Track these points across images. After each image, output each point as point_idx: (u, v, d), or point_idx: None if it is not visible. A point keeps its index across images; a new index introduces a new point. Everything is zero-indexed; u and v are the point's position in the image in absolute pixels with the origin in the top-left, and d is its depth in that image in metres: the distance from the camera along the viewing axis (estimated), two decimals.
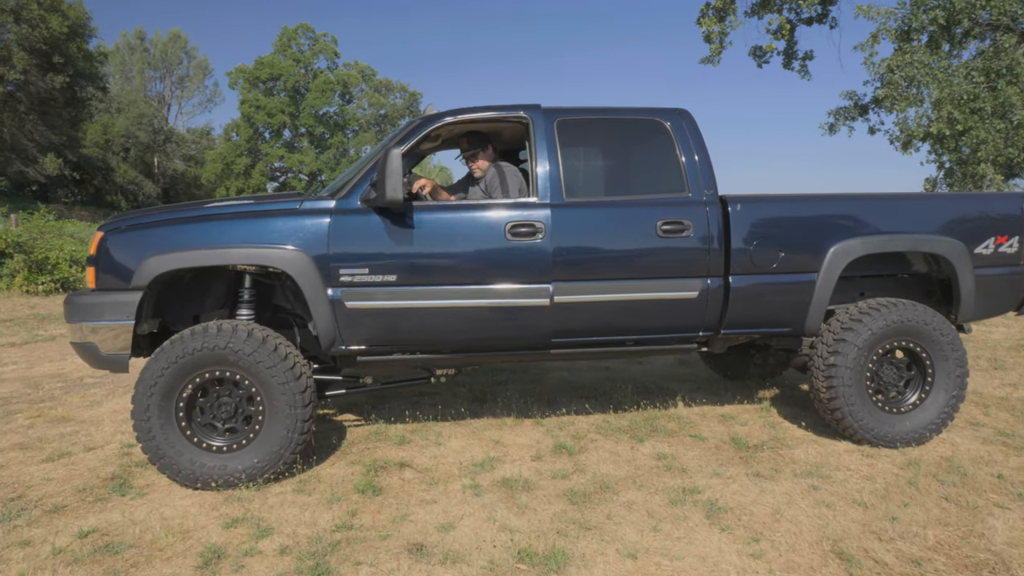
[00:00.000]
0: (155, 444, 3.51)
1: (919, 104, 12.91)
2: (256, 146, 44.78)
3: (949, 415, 4.17)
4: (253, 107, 43.90)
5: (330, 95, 45.49)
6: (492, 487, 3.63)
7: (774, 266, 4.07)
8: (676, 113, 4.22)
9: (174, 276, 3.76)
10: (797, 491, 3.53)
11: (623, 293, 3.95)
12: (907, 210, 4.33)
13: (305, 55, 45.45)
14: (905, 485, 3.58)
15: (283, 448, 3.59)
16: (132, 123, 39.61)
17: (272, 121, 44.04)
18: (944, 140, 12.59)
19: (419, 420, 4.75)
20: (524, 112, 4.06)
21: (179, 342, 3.50)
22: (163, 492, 3.58)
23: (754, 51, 18.91)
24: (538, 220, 3.85)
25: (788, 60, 18.75)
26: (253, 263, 3.66)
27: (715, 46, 15.34)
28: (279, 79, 44.41)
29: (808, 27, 18.62)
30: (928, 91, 12.69)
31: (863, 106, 15.72)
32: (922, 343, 4.12)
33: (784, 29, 16.14)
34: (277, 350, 3.55)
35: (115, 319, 3.57)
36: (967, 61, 12.57)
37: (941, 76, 12.41)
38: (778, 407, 4.96)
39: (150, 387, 3.47)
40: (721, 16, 15.41)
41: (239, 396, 3.62)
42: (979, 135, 11.95)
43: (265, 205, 3.83)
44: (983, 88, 12.20)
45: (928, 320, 4.08)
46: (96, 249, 3.66)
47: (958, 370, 4.16)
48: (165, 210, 3.92)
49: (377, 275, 3.70)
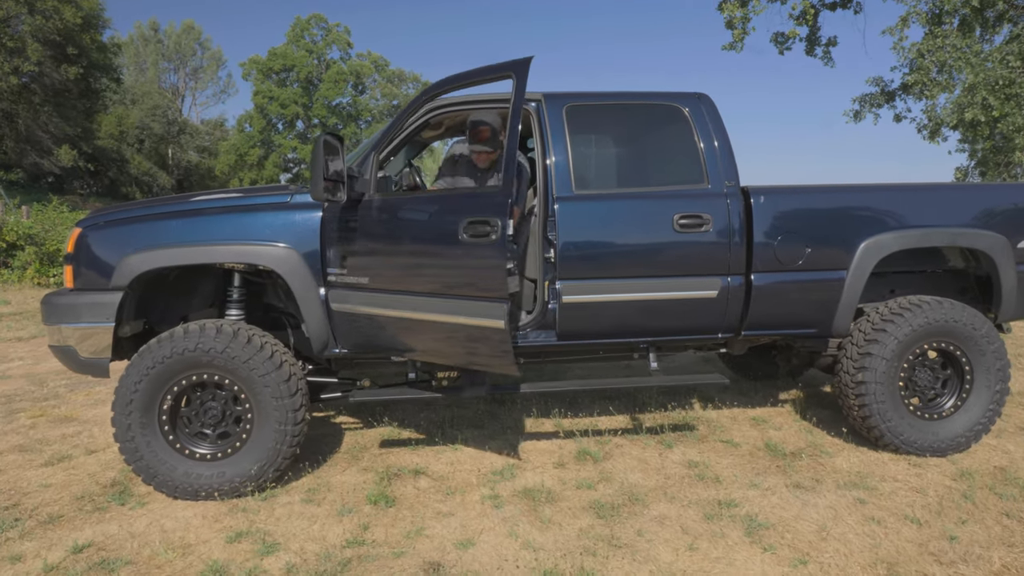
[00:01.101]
0: (145, 463, 3.31)
1: (951, 90, 12.45)
2: (269, 137, 44.73)
3: (996, 411, 3.88)
4: (266, 98, 43.83)
5: (343, 86, 45.34)
6: (513, 498, 3.40)
7: (800, 263, 3.79)
8: (695, 98, 3.93)
9: (158, 274, 3.54)
10: (842, 505, 3.28)
11: (636, 292, 3.67)
12: (944, 201, 4.03)
13: (318, 46, 45.29)
14: (960, 499, 3.32)
15: (279, 443, 3.38)
16: (146, 114, 39.61)
17: (285, 112, 43.94)
18: (978, 127, 12.13)
19: (433, 422, 4.53)
20: (532, 99, 3.79)
21: (147, 353, 3.30)
22: (164, 501, 3.39)
23: (776, 37, 18.42)
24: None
25: (811, 46, 18.22)
26: (240, 261, 3.44)
27: (738, 31, 14.88)
28: (292, 70, 44.30)
29: (832, 12, 18.13)
30: (961, 76, 12.22)
31: (890, 92, 15.25)
32: (955, 341, 3.83)
33: (808, 14, 15.67)
34: (251, 342, 3.33)
35: (94, 321, 3.36)
36: (1001, 45, 12.08)
37: (975, 61, 11.95)
38: (812, 409, 4.70)
39: (127, 404, 3.28)
40: (744, 1, 14.95)
41: (224, 398, 3.41)
42: (1016, 121, 11.50)
43: (254, 199, 3.61)
44: (1020, 73, 11.74)
45: (958, 317, 3.79)
46: (74, 246, 3.46)
47: (998, 363, 3.86)
48: (147, 204, 3.69)
49: (352, 276, 3.44)
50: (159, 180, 38.91)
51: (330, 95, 44.82)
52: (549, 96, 3.78)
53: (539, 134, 3.73)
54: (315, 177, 3.18)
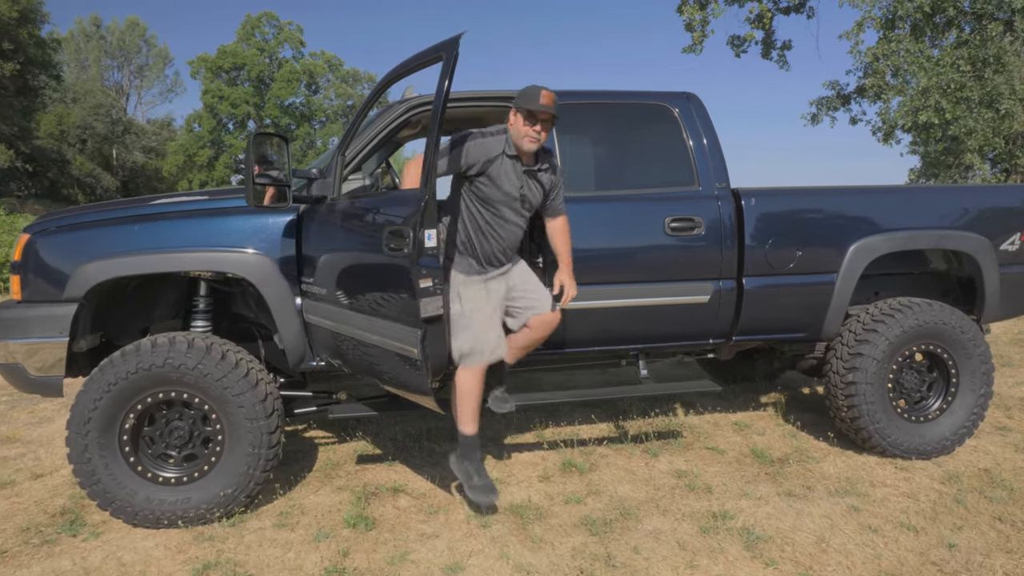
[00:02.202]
0: (102, 487, 3.05)
1: (905, 94, 12.78)
2: (220, 137, 43.55)
3: (979, 415, 3.90)
4: (216, 97, 42.67)
5: (296, 85, 44.46)
6: (500, 516, 3.24)
7: (791, 266, 3.74)
8: (683, 97, 3.85)
9: (116, 284, 3.28)
10: (837, 513, 3.22)
11: (627, 298, 3.56)
12: (929, 204, 4.05)
13: (270, 44, 44.34)
14: (952, 504, 3.29)
15: (251, 467, 3.15)
16: (89, 113, 38.13)
17: (236, 112, 42.85)
18: (931, 129, 12.49)
19: (410, 435, 4.34)
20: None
21: (110, 368, 3.04)
22: (121, 531, 3.13)
23: (732, 40, 18.73)
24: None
25: (767, 50, 18.60)
26: (208, 269, 3.21)
27: (697, 34, 15.06)
28: (243, 69, 43.25)
29: (786, 16, 18.52)
30: (914, 80, 12.56)
31: (845, 96, 15.61)
32: (943, 344, 3.83)
33: (765, 17, 15.95)
34: (225, 358, 3.10)
35: (45, 336, 3.09)
36: (951, 49, 12.47)
37: (927, 65, 12.29)
38: (794, 413, 4.66)
39: (84, 424, 3.01)
40: (703, 3, 15.12)
41: (192, 418, 3.17)
42: (967, 124, 11.87)
43: (222, 201, 3.38)
44: (970, 77, 12.12)
45: (946, 319, 3.79)
46: (21, 254, 3.18)
47: (983, 367, 3.88)
48: (103, 208, 3.42)
49: (316, 286, 3.23)
50: (103, 182, 37.50)
51: (283, 95, 43.89)
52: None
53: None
54: (246, 180, 2.96)
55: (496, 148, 3.03)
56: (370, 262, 3.05)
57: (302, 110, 45.56)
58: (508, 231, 3.13)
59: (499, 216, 3.10)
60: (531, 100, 2.96)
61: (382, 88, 3.37)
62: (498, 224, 3.11)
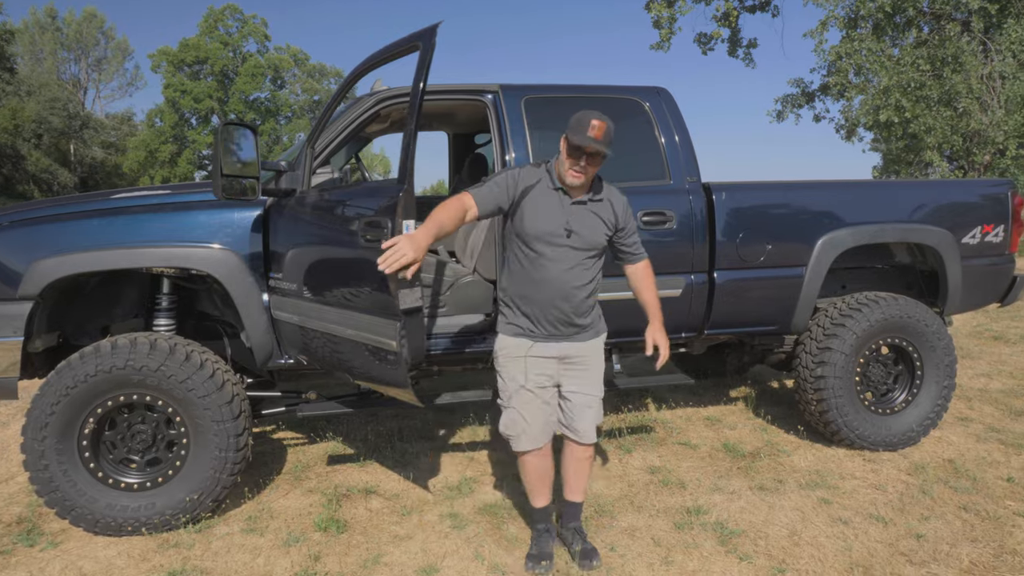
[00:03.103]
0: (60, 495, 2.94)
1: (867, 92, 13.03)
2: (182, 133, 42.61)
3: (943, 407, 3.99)
4: (178, 91, 41.70)
5: (261, 80, 43.69)
6: (474, 515, 3.21)
7: (761, 259, 3.77)
8: (654, 92, 3.85)
9: (74, 281, 3.16)
10: (808, 506, 3.25)
11: (601, 292, 3.54)
12: (894, 199, 4.12)
13: (233, 38, 43.48)
14: (919, 494, 3.35)
15: (218, 471, 3.06)
16: (44, 107, 36.89)
17: (199, 106, 41.96)
18: (892, 127, 12.75)
19: (381, 435, 4.28)
20: (488, 90, 3.58)
21: (68, 370, 2.93)
22: (82, 539, 3.02)
23: (699, 38, 18.91)
24: None
25: (733, 48, 18.82)
26: (172, 265, 3.10)
27: (665, 31, 15.16)
28: (206, 62, 42.33)
29: (752, 15, 18.73)
30: (876, 79, 12.81)
31: (809, 93, 15.86)
32: (908, 337, 3.91)
33: (731, 15, 16.12)
34: (189, 359, 3.01)
35: None
36: (912, 49, 12.75)
37: (888, 64, 12.54)
38: (764, 407, 4.70)
39: (41, 428, 2.90)
40: (670, 1, 15.22)
41: (155, 420, 3.08)
42: (926, 122, 12.14)
43: (185, 195, 3.26)
44: (929, 76, 12.40)
45: (911, 313, 3.87)
46: None
47: (947, 359, 3.97)
48: (61, 203, 3.29)
49: (286, 281, 3.14)
50: (60, 178, 36.38)
51: (247, 89, 43.10)
52: (506, 88, 3.59)
53: (497, 128, 3.53)
54: (214, 172, 2.87)
55: (531, 178, 2.61)
56: (346, 255, 2.97)
57: (267, 105, 44.81)
58: (553, 274, 2.57)
59: (541, 256, 2.57)
60: (578, 131, 2.48)
61: (355, 78, 3.29)
62: (541, 266, 2.58)
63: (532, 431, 2.66)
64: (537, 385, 2.65)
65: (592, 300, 2.69)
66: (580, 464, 2.81)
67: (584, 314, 2.66)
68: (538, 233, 2.57)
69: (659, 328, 2.80)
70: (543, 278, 2.58)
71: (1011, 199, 4.21)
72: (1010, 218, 4.21)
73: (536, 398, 2.65)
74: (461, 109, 4.19)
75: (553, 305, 2.60)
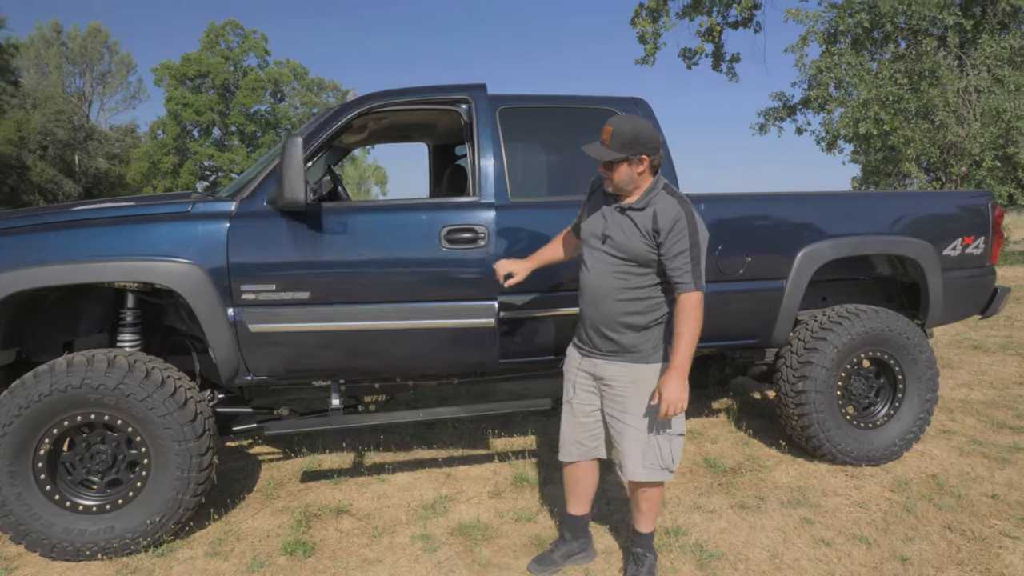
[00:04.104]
0: (14, 519, 2.73)
1: (848, 105, 12.93)
2: (184, 144, 42.28)
3: (926, 420, 3.81)
4: (180, 104, 41.39)
5: (261, 93, 43.41)
6: (447, 537, 3.01)
7: (741, 272, 3.59)
8: (632, 103, 3.67)
9: (32, 297, 2.96)
10: (790, 526, 3.06)
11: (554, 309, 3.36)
12: (875, 210, 3.94)
13: (234, 52, 43.21)
14: (902, 513, 3.16)
15: (180, 493, 2.85)
16: (49, 120, 36.58)
17: (201, 119, 41.67)
18: (871, 139, 12.64)
19: (357, 449, 4.07)
20: (465, 95, 3.39)
21: (20, 390, 2.72)
22: (38, 565, 2.81)
23: (684, 53, 18.81)
24: (480, 224, 3.18)
25: (716, 62, 18.73)
26: (132, 280, 2.89)
27: (649, 46, 15.05)
28: (207, 76, 42.05)
29: (735, 31, 18.66)
30: (855, 92, 12.71)
31: (791, 107, 15.77)
32: (890, 351, 3.73)
33: (714, 31, 16.02)
34: (150, 376, 2.81)
35: None
36: (890, 64, 12.66)
37: (868, 78, 12.45)
38: (746, 419, 4.52)
39: None
40: (655, 17, 15.12)
41: (115, 440, 2.87)
42: (905, 134, 12.04)
43: (148, 208, 3.05)
44: (907, 90, 12.30)
45: (893, 326, 3.70)
46: None
47: (928, 372, 3.79)
48: (17, 215, 3.08)
49: (287, 292, 3.00)
50: (65, 188, 36.06)
51: (248, 102, 42.81)
52: (484, 96, 3.41)
53: (472, 135, 3.34)
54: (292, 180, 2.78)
55: (599, 180, 2.57)
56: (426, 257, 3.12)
57: (267, 118, 44.51)
58: (588, 279, 2.50)
59: (585, 260, 2.54)
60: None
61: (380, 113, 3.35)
62: (584, 271, 2.54)
63: (565, 444, 2.68)
64: (580, 401, 2.60)
65: (630, 318, 2.43)
66: (634, 497, 2.63)
67: (616, 329, 2.45)
68: (584, 236, 2.58)
69: (672, 377, 2.33)
70: (584, 283, 2.56)
71: (991, 211, 4.05)
72: (990, 230, 4.05)
73: (572, 415, 2.63)
74: (439, 119, 4.01)
75: (586, 312, 2.55)
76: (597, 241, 2.47)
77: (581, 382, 2.59)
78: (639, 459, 2.46)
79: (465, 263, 3.15)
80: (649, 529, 2.64)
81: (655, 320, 2.46)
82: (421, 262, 3.14)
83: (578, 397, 2.59)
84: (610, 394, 2.51)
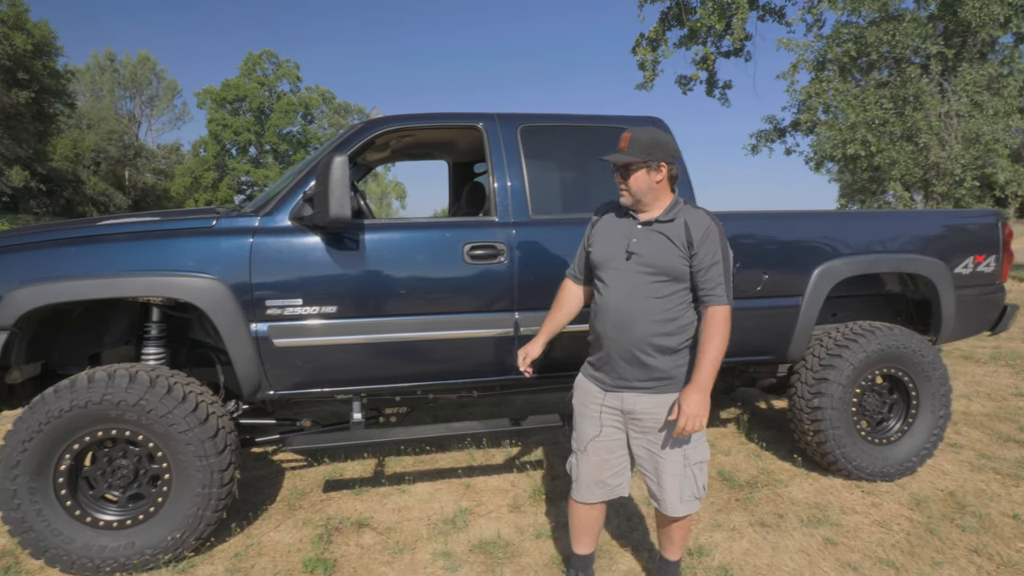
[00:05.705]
0: (34, 536, 2.46)
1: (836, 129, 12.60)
2: (223, 161, 42.32)
3: (939, 436, 3.49)
4: (220, 125, 41.47)
5: (293, 116, 43.46)
6: (467, 554, 2.71)
7: (758, 289, 3.29)
8: (650, 122, 3.39)
9: (56, 311, 2.69)
10: (813, 547, 2.75)
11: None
12: (887, 229, 3.63)
13: (269, 79, 43.27)
14: (926, 534, 2.85)
15: (201, 508, 2.58)
16: (102, 138, 36.62)
17: (238, 139, 41.70)
18: (858, 160, 12.31)
19: (378, 458, 3.79)
20: (482, 118, 3.13)
21: (40, 406, 2.45)
22: None
23: (680, 80, 18.49)
24: (500, 241, 2.93)
25: (710, 88, 18.39)
26: (154, 294, 2.62)
27: (648, 73, 14.73)
28: (244, 100, 42.12)
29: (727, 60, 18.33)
30: (843, 116, 12.38)
31: (782, 129, 15.43)
32: (904, 367, 3.42)
33: (709, 59, 15.71)
34: (171, 392, 2.54)
35: None
36: (875, 89, 12.33)
37: (855, 103, 12.12)
38: (756, 430, 4.21)
39: (12, 468, 2.42)
40: (654, 46, 14.82)
41: (137, 455, 2.59)
42: (890, 155, 11.71)
43: (172, 223, 2.79)
44: (892, 114, 11.96)
45: (907, 343, 3.39)
46: None
47: (942, 388, 3.48)
48: (42, 229, 2.82)
49: (313, 306, 2.73)
50: (115, 200, 36.07)
51: (281, 124, 42.85)
52: (503, 116, 3.14)
53: (492, 155, 3.07)
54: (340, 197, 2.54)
55: (602, 210, 2.32)
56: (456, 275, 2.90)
57: (298, 138, 44.52)
58: (609, 299, 2.15)
59: (602, 284, 2.19)
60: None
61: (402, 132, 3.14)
62: (602, 294, 2.19)
63: (585, 485, 2.27)
64: (607, 438, 2.21)
65: (662, 339, 2.09)
66: (667, 528, 2.30)
67: (648, 352, 2.09)
68: (599, 260, 2.21)
69: (693, 391, 2.01)
70: (605, 305, 2.17)
71: (1002, 229, 3.74)
72: (1001, 248, 3.74)
73: (597, 454, 2.23)
74: (460, 138, 3.74)
75: (610, 336, 2.14)
76: (620, 260, 2.14)
77: (607, 419, 2.20)
78: (677, 493, 2.15)
79: (488, 277, 2.89)
80: (678, 556, 2.34)
81: (684, 342, 2.14)
82: (447, 276, 2.88)
83: (604, 434, 2.21)
84: (641, 427, 2.16)
